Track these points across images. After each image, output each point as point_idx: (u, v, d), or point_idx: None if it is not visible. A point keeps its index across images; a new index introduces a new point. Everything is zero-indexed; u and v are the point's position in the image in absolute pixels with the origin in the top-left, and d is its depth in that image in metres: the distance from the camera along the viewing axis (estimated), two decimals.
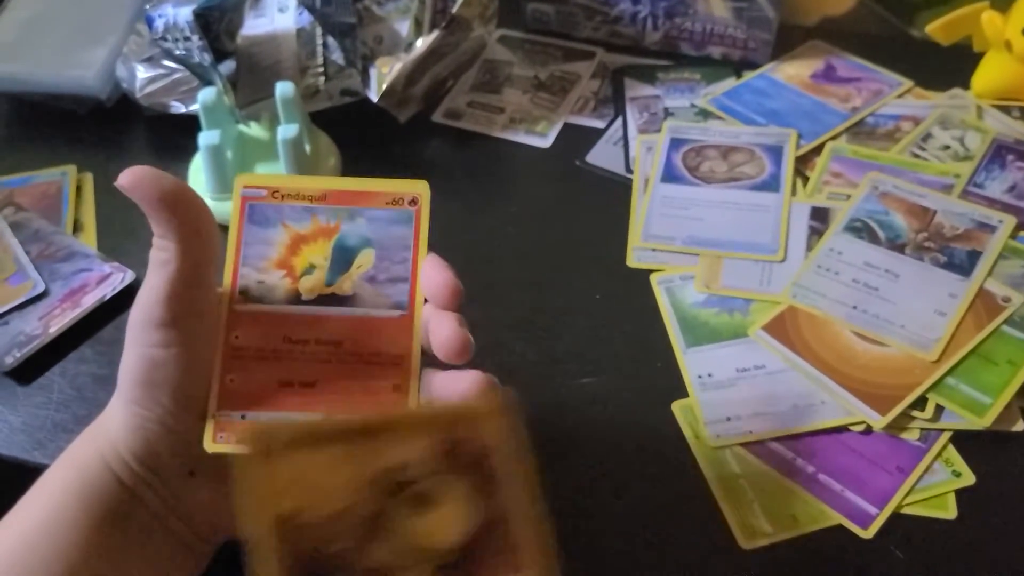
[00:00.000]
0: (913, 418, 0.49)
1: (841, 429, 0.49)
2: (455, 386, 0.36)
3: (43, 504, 0.37)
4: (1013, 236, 0.57)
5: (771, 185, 0.62)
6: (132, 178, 0.35)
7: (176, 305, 0.36)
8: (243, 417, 0.38)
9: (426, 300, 0.39)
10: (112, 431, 0.38)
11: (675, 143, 0.65)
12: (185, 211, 0.36)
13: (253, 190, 0.40)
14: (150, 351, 0.36)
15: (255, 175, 0.39)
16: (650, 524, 0.46)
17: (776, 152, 0.64)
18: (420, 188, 0.40)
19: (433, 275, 0.38)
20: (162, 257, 0.36)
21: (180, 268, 0.36)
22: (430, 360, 0.38)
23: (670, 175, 0.63)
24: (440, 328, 0.36)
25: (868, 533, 0.45)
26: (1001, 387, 0.49)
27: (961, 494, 0.47)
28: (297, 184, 0.40)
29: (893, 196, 0.60)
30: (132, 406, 0.37)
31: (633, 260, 0.59)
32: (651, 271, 0.58)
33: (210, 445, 0.37)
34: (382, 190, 0.40)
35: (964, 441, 0.48)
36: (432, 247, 0.40)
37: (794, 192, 0.61)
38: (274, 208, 0.40)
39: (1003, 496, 0.47)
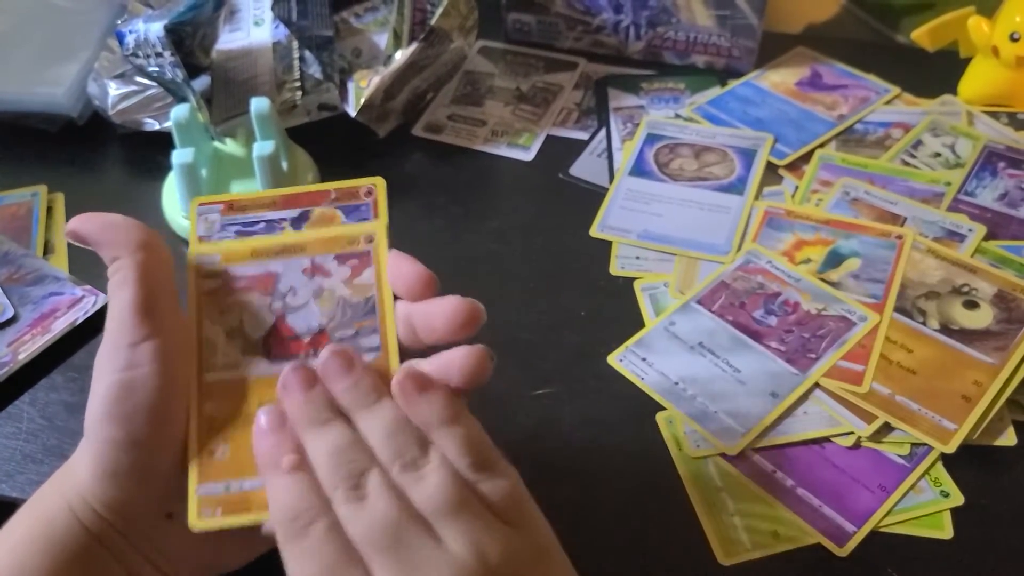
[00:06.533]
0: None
1: (824, 442, 0.48)
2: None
3: (6, 558, 0.35)
4: (984, 242, 0.56)
5: (736, 187, 0.61)
6: (76, 222, 0.38)
7: (145, 319, 0.35)
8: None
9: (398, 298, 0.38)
10: (80, 480, 0.35)
11: (651, 138, 0.65)
12: (126, 229, 0.37)
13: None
14: (120, 376, 0.35)
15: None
16: (630, 536, 0.45)
17: (749, 155, 0.63)
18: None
19: (402, 266, 0.37)
20: (118, 278, 0.36)
21: (139, 280, 0.36)
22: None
23: (639, 169, 0.63)
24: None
25: (844, 551, 0.44)
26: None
27: (956, 512, 0.45)
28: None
29: (864, 202, 0.59)
30: (102, 447, 0.35)
31: (616, 268, 0.58)
32: (634, 279, 0.57)
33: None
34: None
35: (953, 459, 0.47)
36: None
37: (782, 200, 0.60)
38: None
39: (998, 514, 0.46)
